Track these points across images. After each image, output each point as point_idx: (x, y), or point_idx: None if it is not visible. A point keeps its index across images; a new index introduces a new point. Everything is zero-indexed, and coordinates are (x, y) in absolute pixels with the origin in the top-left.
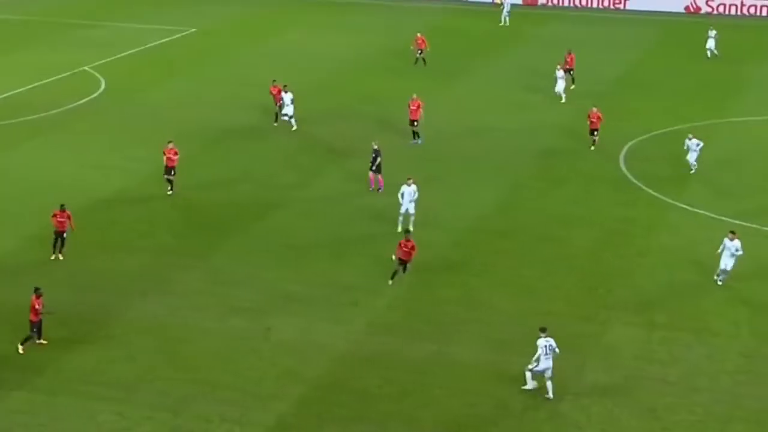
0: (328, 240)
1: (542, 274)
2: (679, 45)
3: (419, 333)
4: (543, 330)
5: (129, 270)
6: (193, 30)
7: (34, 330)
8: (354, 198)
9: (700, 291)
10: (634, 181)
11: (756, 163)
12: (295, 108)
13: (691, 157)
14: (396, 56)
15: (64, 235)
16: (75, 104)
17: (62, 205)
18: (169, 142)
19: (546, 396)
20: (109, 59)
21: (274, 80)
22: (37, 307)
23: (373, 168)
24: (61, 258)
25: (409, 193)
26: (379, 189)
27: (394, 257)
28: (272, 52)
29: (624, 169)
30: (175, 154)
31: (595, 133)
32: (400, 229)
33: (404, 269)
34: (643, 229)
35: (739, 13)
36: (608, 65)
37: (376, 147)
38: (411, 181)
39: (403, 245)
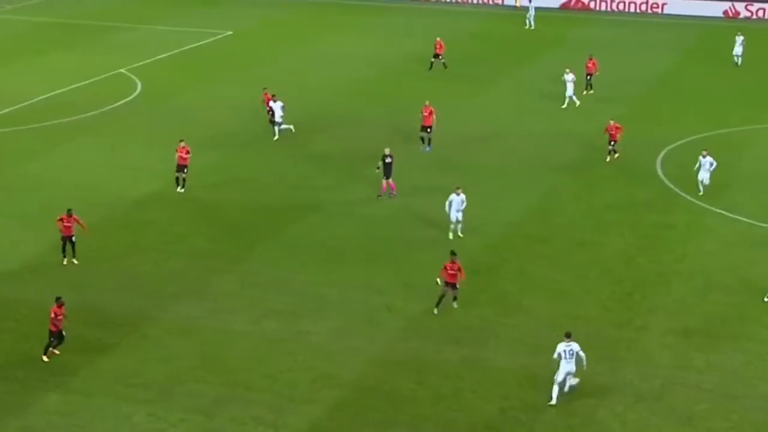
0: (363, 243)
1: (577, 279)
2: (717, 50)
3: (453, 337)
4: (568, 335)
5: (164, 272)
6: (229, 33)
7: (52, 339)
8: (388, 201)
9: (737, 297)
10: (671, 186)
11: None
12: (284, 117)
13: (703, 176)
14: (424, 61)
15: (73, 239)
16: (111, 106)
17: (69, 210)
18: (181, 140)
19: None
20: (145, 62)
21: (265, 88)
22: (59, 317)
23: (386, 174)
24: (75, 262)
25: (457, 203)
26: (391, 194)
27: (438, 280)
28: (308, 55)
29: (661, 174)
30: (187, 152)
31: (613, 143)
32: (452, 236)
33: (454, 297)
34: (680, 235)
35: None
36: (645, 69)
37: (387, 152)
38: (459, 190)
39: (448, 267)
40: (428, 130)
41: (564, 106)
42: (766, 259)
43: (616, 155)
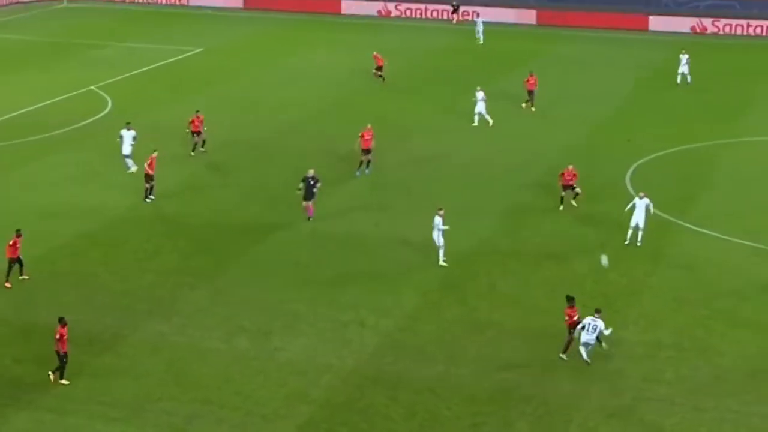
0: (332, 261)
1: (547, 294)
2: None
3: (426, 353)
4: (597, 311)
5: (135, 289)
6: (200, 50)
7: (64, 361)
8: (358, 218)
9: (706, 311)
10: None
11: (765, 183)
12: (134, 148)
13: (638, 220)
14: (393, 77)
15: (21, 259)
16: (81, 124)
17: (18, 230)
18: (154, 151)
19: (585, 360)
20: (115, 79)
21: (198, 111)
22: (64, 337)
23: (307, 196)
24: (26, 277)
25: (435, 224)
26: (309, 217)
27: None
28: (278, 71)
29: (630, 189)
30: (153, 162)
31: (567, 190)
32: (441, 261)
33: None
34: (650, 250)
35: (744, 33)
36: (613, 85)
37: (311, 174)
38: (442, 212)
39: (567, 313)
40: (368, 153)
41: (475, 123)
42: (734, 274)
43: (577, 193)
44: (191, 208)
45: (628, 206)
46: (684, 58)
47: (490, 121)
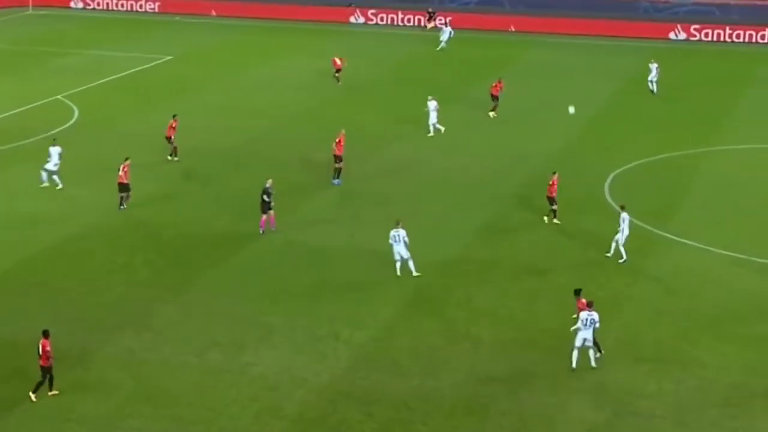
0: (306, 273)
1: (526, 306)
2: (665, 72)
3: (402, 366)
4: (590, 304)
5: (105, 303)
6: (169, 58)
7: (47, 376)
8: (332, 229)
9: (687, 323)
10: (619, 210)
11: (746, 192)
12: (60, 165)
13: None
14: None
15: None
16: (47, 134)
17: None
18: (126, 159)
19: (591, 366)
20: (82, 88)
21: (175, 115)
22: (48, 350)
23: (263, 208)
24: None
25: (398, 238)
26: (270, 229)
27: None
28: (250, 79)
29: (609, 198)
30: (127, 171)
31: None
32: (399, 273)
33: (597, 347)
34: (631, 261)
35: (724, 39)
36: (591, 92)
37: (269, 185)
38: (400, 224)
39: (579, 306)
40: (337, 160)
41: (431, 134)
42: (716, 285)
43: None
44: (162, 219)
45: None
46: (653, 67)
47: (442, 130)
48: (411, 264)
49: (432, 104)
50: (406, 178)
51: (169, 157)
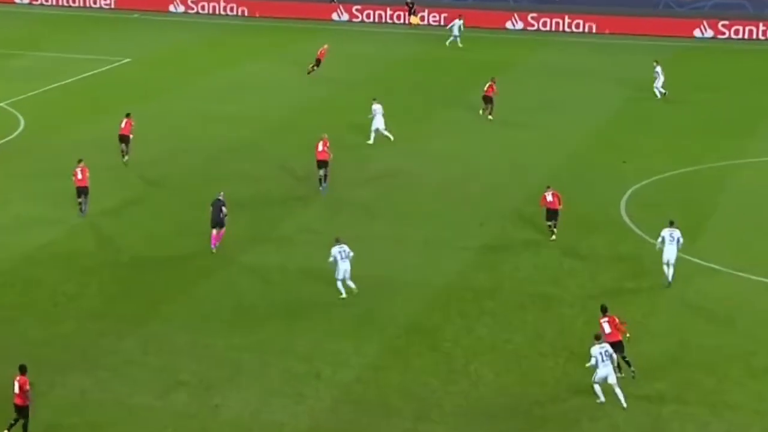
0: (281, 302)
1: (531, 340)
2: (687, 74)
3: (391, 408)
4: (597, 337)
5: (54, 338)
6: (127, 60)
7: (22, 417)
8: (312, 252)
9: (716, 358)
10: (638, 231)
11: None
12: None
13: (669, 256)
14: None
15: None
16: None
17: None
18: (80, 161)
19: (621, 406)
20: (31, 94)
21: (129, 114)
22: (27, 388)
23: (214, 222)
24: None
25: (341, 254)
26: (213, 247)
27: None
28: (217, 84)
29: (625, 217)
30: (86, 173)
31: (553, 221)
32: (344, 295)
33: (624, 358)
34: (650, 287)
35: (756, 37)
36: (603, 98)
37: (221, 197)
38: (342, 241)
39: (611, 322)
40: (324, 166)
41: (370, 141)
42: (747, 314)
43: (553, 228)
44: (119, 240)
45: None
46: (658, 69)
47: (391, 137)
48: (352, 283)
49: (377, 107)
50: (396, 191)
51: (124, 158)
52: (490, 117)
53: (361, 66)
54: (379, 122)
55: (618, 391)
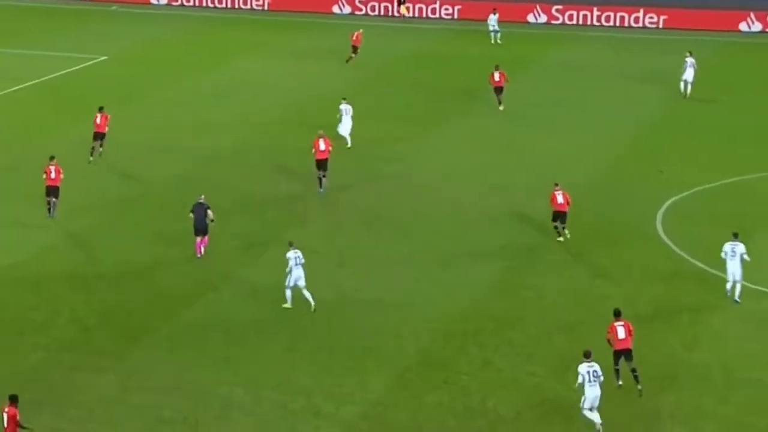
0: (275, 328)
1: (557, 373)
2: (731, 72)
3: None
4: (587, 355)
5: (21, 373)
6: (103, 58)
7: None
8: (310, 275)
9: (766, 396)
10: (676, 249)
11: None
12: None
13: (734, 270)
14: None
15: None
16: None
17: None
18: (52, 158)
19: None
20: None
21: (102, 108)
22: (17, 419)
23: (199, 230)
24: None
25: (295, 258)
26: (198, 254)
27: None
28: (202, 84)
29: (662, 233)
30: (59, 172)
31: (559, 222)
32: (290, 305)
33: (633, 370)
34: (690, 314)
35: None
36: (637, 100)
37: (202, 200)
38: (295, 246)
39: (626, 328)
40: (323, 167)
41: (348, 145)
42: None
43: (567, 233)
44: (94, 261)
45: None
46: (689, 61)
47: (349, 142)
48: (309, 294)
49: (345, 108)
50: (404, 205)
51: (90, 158)
52: (502, 106)
53: (364, 62)
54: (346, 124)
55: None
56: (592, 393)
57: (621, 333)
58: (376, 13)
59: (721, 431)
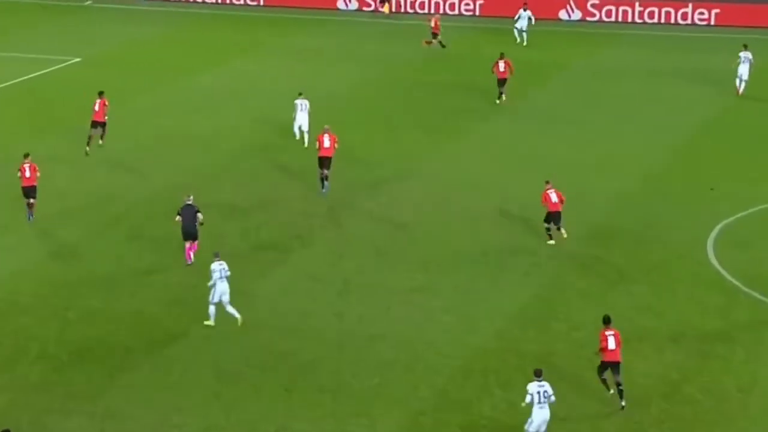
0: (274, 366)
1: (594, 419)
2: None
3: None
4: (538, 374)
5: None
6: (76, 60)
7: None
8: (312, 306)
9: None
10: (730, 278)
11: None
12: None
13: None
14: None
15: None
16: None
17: None
18: (26, 156)
19: None
20: None
21: (102, 93)
22: None
23: (188, 234)
24: None
25: (220, 272)
26: (188, 263)
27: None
28: (187, 90)
29: (714, 260)
30: (35, 170)
31: (553, 223)
32: (212, 321)
33: (619, 381)
34: (746, 352)
35: None
36: (686, 106)
37: (190, 201)
38: (220, 256)
39: (616, 337)
40: (328, 165)
41: (305, 145)
42: None
43: (564, 233)
44: (66, 291)
45: None
46: (743, 56)
47: (306, 141)
48: (233, 309)
49: (301, 103)
50: (417, 225)
51: (87, 149)
52: (499, 100)
53: (372, 65)
54: (301, 120)
55: None
56: (540, 416)
57: (611, 343)
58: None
59: None
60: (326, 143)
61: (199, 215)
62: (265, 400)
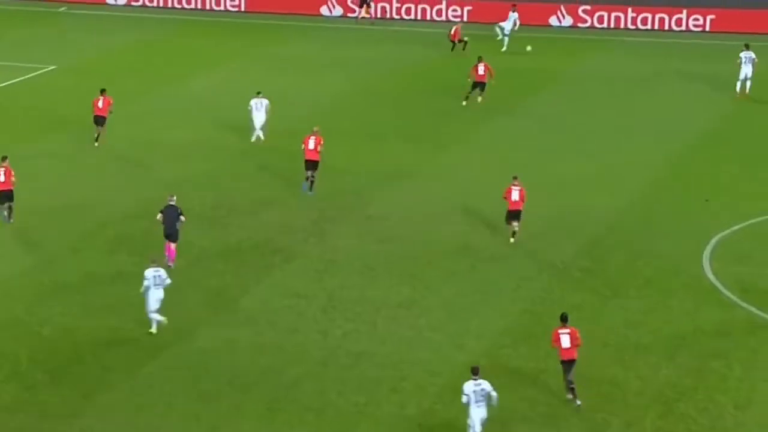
0: (257, 387)
1: None
2: None
3: None
4: (475, 372)
5: None
6: (52, 68)
7: None
8: (296, 323)
9: None
10: (726, 292)
11: None
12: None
13: None
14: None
15: None
16: None
17: None
18: (4, 158)
19: None
20: None
21: (104, 90)
22: None
23: (170, 235)
24: None
25: (155, 278)
26: (168, 263)
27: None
28: (177, 100)
29: (710, 274)
30: (10, 174)
31: (515, 221)
32: (155, 330)
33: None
34: (743, 368)
35: None
36: (681, 116)
37: (173, 202)
38: (157, 263)
39: (572, 336)
40: (313, 167)
41: (253, 140)
42: None
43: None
44: (40, 307)
45: None
46: (745, 56)
47: (261, 137)
48: (159, 318)
49: (256, 103)
50: (405, 240)
51: (96, 143)
52: (465, 101)
53: (356, 72)
54: (258, 120)
55: None
56: (477, 415)
57: (566, 342)
58: (371, 16)
59: None
60: (311, 145)
61: (182, 218)
62: (248, 421)
